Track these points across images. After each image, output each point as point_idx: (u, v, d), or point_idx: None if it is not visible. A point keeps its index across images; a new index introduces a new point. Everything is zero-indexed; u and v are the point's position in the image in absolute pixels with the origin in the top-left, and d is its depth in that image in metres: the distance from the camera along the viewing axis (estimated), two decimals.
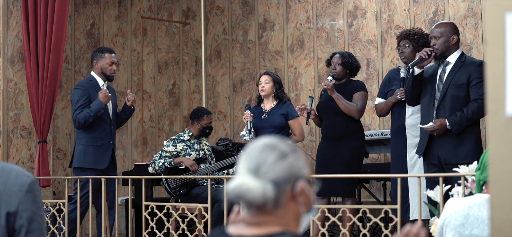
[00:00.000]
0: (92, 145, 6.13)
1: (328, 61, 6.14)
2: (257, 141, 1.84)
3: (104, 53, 6.29)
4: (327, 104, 5.95)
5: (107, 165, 6.17)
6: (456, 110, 4.93)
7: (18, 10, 7.33)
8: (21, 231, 2.22)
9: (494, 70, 1.60)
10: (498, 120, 1.59)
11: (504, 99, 1.57)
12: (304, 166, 1.82)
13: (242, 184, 1.75)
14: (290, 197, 1.78)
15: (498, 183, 1.59)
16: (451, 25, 5.18)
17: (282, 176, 1.77)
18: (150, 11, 8.56)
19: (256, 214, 1.77)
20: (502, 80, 1.58)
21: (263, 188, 1.74)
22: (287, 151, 1.81)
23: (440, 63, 5.11)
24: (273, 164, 1.77)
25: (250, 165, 1.78)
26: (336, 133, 5.89)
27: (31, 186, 2.26)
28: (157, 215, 5.49)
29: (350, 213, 4.83)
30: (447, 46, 5.05)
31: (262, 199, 1.74)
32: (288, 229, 1.76)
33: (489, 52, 1.62)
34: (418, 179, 4.63)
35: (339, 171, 5.63)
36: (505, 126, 1.57)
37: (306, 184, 1.81)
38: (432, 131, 4.96)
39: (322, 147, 6.01)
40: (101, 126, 6.16)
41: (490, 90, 1.61)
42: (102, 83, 6.26)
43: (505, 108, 1.57)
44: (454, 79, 4.99)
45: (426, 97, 5.12)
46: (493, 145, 1.60)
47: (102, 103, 6.07)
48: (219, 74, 8.54)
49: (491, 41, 1.61)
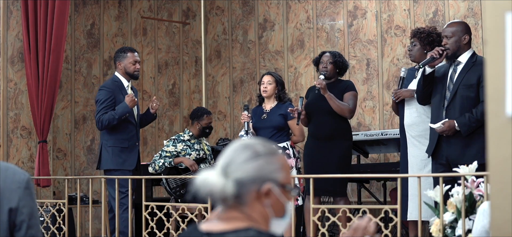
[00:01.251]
0: (119, 147, 6.05)
1: (316, 60, 6.14)
2: (240, 141, 1.91)
3: (126, 52, 6.19)
4: (316, 103, 5.94)
5: (135, 165, 6.10)
6: (466, 111, 4.89)
7: (18, 10, 7.32)
8: (22, 227, 2.32)
9: (494, 70, 1.60)
10: (498, 120, 1.59)
11: (504, 99, 1.57)
12: (276, 170, 1.84)
13: (206, 178, 1.83)
14: (256, 197, 1.81)
15: (498, 183, 1.59)
16: (463, 25, 5.14)
17: (248, 176, 1.81)
18: (150, 11, 8.56)
19: (226, 210, 1.83)
20: (502, 80, 1.58)
21: (224, 184, 1.81)
22: (260, 152, 1.84)
23: (452, 62, 5.07)
24: (242, 163, 1.82)
25: (222, 162, 1.86)
26: (326, 133, 5.89)
27: (28, 183, 2.36)
28: (157, 215, 5.49)
29: (348, 213, 4.84)
30: (459, 45, 5.01)
31: (221, 194, 1.81)
32: (254, 225, 1.79)
33: (489, 52, 1.62)
34: (418, 179, 4.63)
35: (330, 170, 5.63)
36: (505, 126, 1.57)
37: (276, 187, 1.82)
38: (441, 132, 4.94)
39: (310, 146, 5.99)
40: (127, 127, 6.08)
41: (490, 90, 1.61)
42: (127, 83, 6.16)
43: (505, 108, 1.58)
44: (464, 80, 4.95)
45: (437, 97, 5.09)
46: (493, 145, 1.60)
47: (127, 107, 5.99)
48: (219, 74, 8.54)
49: (491, 41, 1.61)
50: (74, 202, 6.66)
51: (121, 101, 6.03)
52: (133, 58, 6.15)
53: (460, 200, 4.02)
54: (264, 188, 1.81)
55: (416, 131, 5.46)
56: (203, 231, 1.84)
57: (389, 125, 7.26)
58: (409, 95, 5.49)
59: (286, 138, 6.05)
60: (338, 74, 6.06)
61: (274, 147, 1.88)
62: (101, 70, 8.17)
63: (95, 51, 8.17)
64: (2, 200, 2.30)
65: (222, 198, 1.82)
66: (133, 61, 6.14)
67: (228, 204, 1.82)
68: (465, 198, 4.01)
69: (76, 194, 6.51)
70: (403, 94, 5.53)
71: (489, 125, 1.61)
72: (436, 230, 4.12)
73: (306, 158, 6.00)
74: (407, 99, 5.51)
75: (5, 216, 2.30)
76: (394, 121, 7.20)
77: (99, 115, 6.01)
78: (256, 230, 1.77)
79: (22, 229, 2.32)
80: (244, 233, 1.77)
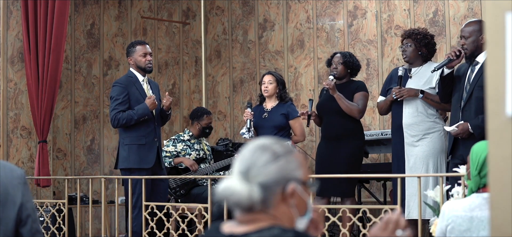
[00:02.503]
0: (136, 144, 5.86)
1: (328, 61, 6.15)
2: (253, 142, 1.85)
3: (135, 46, 6.03)
4: (327, 104, 5.96)
5: (152, 163, 5.88)
6: (481, 112, 4.80)
7: (18, 10, 7.32)
8: (28, 221, 2.41)
9: (494, 70, 1.60)
10: (498, 120, 1.59)
11: (504, 99, 1.57)
12: (297, 168, 1.81)
13: (230, 186, 1.78)
14: (281, 199, 1.79)
15: (498, 183, 1.59)
16: (481, 24, 5.02)
17: (272, 178, 1.78)
18: (150, 11, 8.56)
19: (247, 213, 1.79)
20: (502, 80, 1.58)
21: (249, 191, 1.76)
22: (279, 152, 1.81)
23: (470, 63, 4.98)
24: (263, 166, 1.78)
25: (241, 167, 1.80)
26: (336, 133, 5.90)
27: (25, 178, 2.46)
28: (157, 215, 5.49)
29: (350, 213, 4.83)
30: (476, 45, 4.92)
31: (248, 202, 1.76)
32: (277, 223, 1.77)
33: (489, 52, 1.62)
34: (418, 179, 4.63)
35: (339, 171, 5.63)
36: (505, 126, 1.57)
37: (299, 186, 1.80)
38: (455, 135, 4.91)
39: (322, 147, 6.03)
40: (144, 124, 5.88)
41: (490, 90, 1.61)
42: (142, 78, 5.99)
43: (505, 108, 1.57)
44: (479, 80, 4.84)
45: (455, 97, 5.03)
46: (493, 145, 1.60)
47: (147, 109, 5.83)
48: (219, 74, 8.54)
49: (491, 41, 1.61)
50: (74, 202, 6.67)
51: (135, 96, 5.89)
52: (142, 51, 5.98)
53: None
54: (289, 189, 1.78)
55: (416, 131, 5.45)
56: (225, 233, 1.80)
57: (389, 125, 7.24)
58: (413, 94, 5.47)
59: (287, 137, 6.05)
60: (349, 75, 6.06)
61: (290, 145, 1.86)
62: (101, 70, 8.17)
63: (95, 51, 8.17)
64: (8, 197, 2.36)
65: (249, 205, 1.77)
66: (143, 54, 5.97)
67: (255, 209, 1.77)
68: None
69: (76, 194, 6.51)
70: (406, 92, 5.49)
71: (489, 125, 1.61)
72: None
73: (318, 159, 6.02)
74: (406, 98, 5.50)
75: (13, 213, 2.36)
76: None
77: (115, 113, 5.85)
78: (280, 227, 1.75)
79: (27, 223, 2.39)
80: (268, 232, 1.74)
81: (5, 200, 2.36)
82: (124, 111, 5.84)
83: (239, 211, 1.80)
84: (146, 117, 5.85)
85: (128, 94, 5.89)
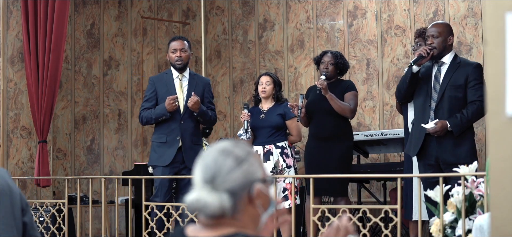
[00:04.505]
0: (158, 142, 5.82)
1: (317, 59, 6.14)
2: (213, 147, 1.84)
3: (170, 43, 5.97)
4: (317, 104, 5.95)
5: (169, 162, 5.75)
6: (454, 111, 4.96)
7: (18, 10, 7.32)
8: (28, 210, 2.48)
9: (494, 70, 1.60)
10: (498, 120, 1.59)
11: (504, 99, 1.57)
12: (258, 168, 1.82)
13: (199, 199, 1.76)
14: (248, 202, 1.79)
15: (498, 183, 1.59)
16: (448, 26, 5.22)
17: (238, 184, 1.77)
18: (150, 11, 8.56)
19: (212, 218, 1.78)
20: (502, 80, 1.58)
21: (220, 200, 1.75)
22: (242, 156, 1.80)
23: (434, 62, 5.12)
24: (228, 173, 1.77)
25: (205, 175, 1.78)
26: (327, 133, 5.91)
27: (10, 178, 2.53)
28: (157, 215, 5.48)
29: (348, 213, 4.84)
30: (444, 46, 5.07)
31: (220, 211, 1.75)
32: (242, 231, 1.77)
33: (489, 52, 1.62)
34: (418, 179, 4.63)
35: (331, 171, 5.64)
36: (505, 126, 1.57)
37: (262, 185, 1.81)
38: (433, 132, 4.96)
39: (311, 147, 6.00)
40: (167, 122, 5.80)
41: (490, 90, 1.61)
42: (176, 74, 5.89)
43: (505, 108, 1.57)
44: (451, 80, 5.01)
45: (421, 96, 5.13)
46: (493, 145, 1.60)
47: (164, 110, 5.73)
48: (219, 74, 8.54)
49: (491, 41, 1.61)
50: (74, 202, 6.67)
51: (162, 94, 5.83)
52: (173, 47, 5.89)
53: (460, 200, 4.02)
54: (255, 191, 1.79)
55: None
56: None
57: (389, 125, 7.26)
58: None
59: (284, 137, 6.05)
60: (338, 75, 6.09)
61: (247, 146, 1.86)
62: (101, 70, 8.18)
63: (95, 51, 8.17)
64: (11, 186, 2.42)
65: (220, 214, 1.76)
66: (172, 50, 5.88)
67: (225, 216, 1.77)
68: (465, 198, 4.02)
69: (76, 194, 6.51)
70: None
71: (489, 125, 1.61)
72: (436, 230, 4.12)
73: (307, 158, 6.01)
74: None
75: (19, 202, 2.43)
76: (394, 121, 7.21)
77: (140, 110, 5.90)
78: (244, 234, 1.76)
79: (28, 212, 2.47)
80: None
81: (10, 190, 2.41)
82: (149, 108, 5.84)
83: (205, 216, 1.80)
84: (163, 117, 5.78)
85: (155, 91, 5.86)
